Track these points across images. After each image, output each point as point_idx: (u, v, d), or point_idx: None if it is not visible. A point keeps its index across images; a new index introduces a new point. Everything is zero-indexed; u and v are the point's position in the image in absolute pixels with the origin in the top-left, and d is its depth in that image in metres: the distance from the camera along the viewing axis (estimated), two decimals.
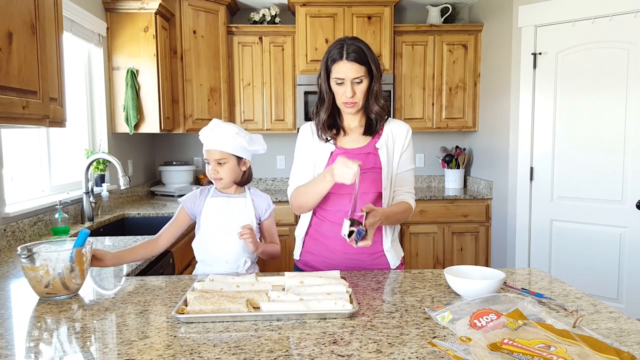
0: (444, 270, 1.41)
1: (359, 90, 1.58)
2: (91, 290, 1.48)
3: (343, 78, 1.56)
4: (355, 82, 1.57)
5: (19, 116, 1.53)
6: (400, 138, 1.69)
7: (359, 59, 1.55)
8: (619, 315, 1.20)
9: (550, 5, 3.20)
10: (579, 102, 3.14)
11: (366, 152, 1.66)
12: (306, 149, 1.72)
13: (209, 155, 1.71)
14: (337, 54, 1.56)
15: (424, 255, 3.78)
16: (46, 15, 1.71)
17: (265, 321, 1.16)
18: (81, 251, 1.36)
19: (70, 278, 1.34)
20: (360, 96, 1.59)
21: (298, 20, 3.80)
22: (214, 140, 1.69)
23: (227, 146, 1.68)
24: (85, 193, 2.59)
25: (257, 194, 1.81)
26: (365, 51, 1.56)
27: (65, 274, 1.33)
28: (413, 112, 3.99)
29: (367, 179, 1.63)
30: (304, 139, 1.73)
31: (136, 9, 3.18)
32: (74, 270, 1.34)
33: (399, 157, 1.69)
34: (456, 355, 0.95)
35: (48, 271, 1.31)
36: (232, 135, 1.68)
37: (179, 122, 3.59)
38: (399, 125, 1.71)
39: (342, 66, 1.55)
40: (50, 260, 1.31)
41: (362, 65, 1.55)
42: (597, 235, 3.12)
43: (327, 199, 1.67)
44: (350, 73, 1.55)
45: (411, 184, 1.74)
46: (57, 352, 1.04)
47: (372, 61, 1.57)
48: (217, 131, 1.69)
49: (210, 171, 1.72)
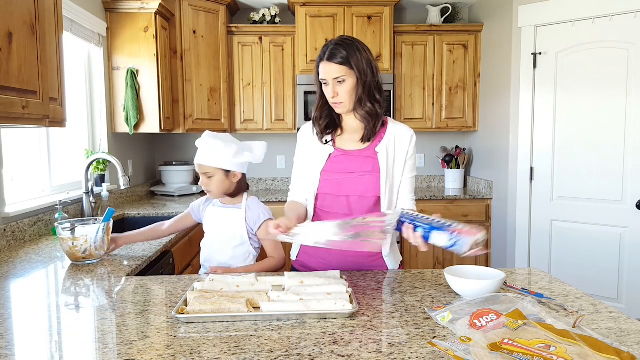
0: (444, 270, 1.41)
1: (342, 90, 1.55)
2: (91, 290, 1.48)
3: (325, 79, 1.57)
4: (337, 82, 1.55)
5: (19, 116, 1.53)
6: (403, 143, 1.66)
7: (339, 59, 1.53)
8: (619, 315, 1.20)
9: (550, 5, 3.20)
10: (579, 102, 3.14)
11: (365, 155, 1.63)
12: (305, 150, 1.72)
13: (198, 168, 1.75)
14: (322, 54, 1.57)
15: (424, 255, 3.78)
16: (46, 15, 1.71)
17: (265, 321, 1.16)
18: (108, 225, 1.79)
19: (102, 246, 1.77)
20: (344, 96, 1.56)
21: (298, 20, 3.80)
22: (201, 154, 1.73)
23: (212, 160, 1.70)
24: (85, 193, 2.59)
25: (252, 205, 1.80)
26: (349, 51, 1.53)
27: (98, 243, 1.76)
28: (413, 112, 3.99)
29: (364, 182, 1.61)
30: (303, 140, 1.73)
31: (136, 9, 3.18)
32: (103, 240, 1.78)
33: (402, 163, 1.66)
34: (456, 355, 0.95)
35: (87, 240, 1.74)
36: (217, 149, 1.69)
37: (179, 122, 3.59)
38: (402, 130, 1.67)
39: (323, 67, 1.56)
40: (89, 232, 1.75)
41: (343, 66, 1.53)
42: (597, 235, 3.12)
43: (325, 200, 1.66)
44: (330, 74, 1.55)
45: (413, 191, 1.73)
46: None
47: (355, 62, 1.54)
48: (204, 145, 1.72)
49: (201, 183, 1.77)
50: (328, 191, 1.65)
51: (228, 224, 1.78)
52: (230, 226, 1.77)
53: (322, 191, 1.66)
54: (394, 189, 1.67)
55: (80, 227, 1.76)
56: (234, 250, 1.77)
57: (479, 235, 1.26)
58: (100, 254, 1.80)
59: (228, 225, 1.78)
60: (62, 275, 1.67)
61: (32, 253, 1.96)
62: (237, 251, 1.77)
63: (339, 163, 1.64)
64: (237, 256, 1.77)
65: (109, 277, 1.62)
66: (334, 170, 1.64)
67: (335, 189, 1.63)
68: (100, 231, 1.76)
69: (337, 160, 1.64)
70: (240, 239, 1.76)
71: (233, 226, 1.77)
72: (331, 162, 1.64)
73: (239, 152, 1.71)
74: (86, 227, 1.76)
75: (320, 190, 1.66)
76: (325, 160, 1.65)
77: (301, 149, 1.73)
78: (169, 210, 3.06)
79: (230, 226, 1.77)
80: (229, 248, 1.77)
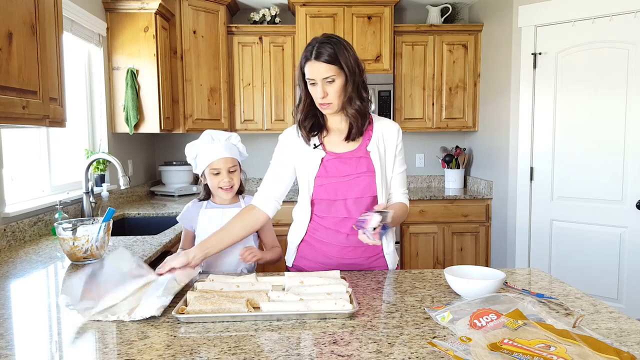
0: (444, 270, 1.41)
1: (332, 90, 1.51)
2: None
3: (313, 78, 1.52)
4: (326, 82, 1.51)
5: (19, 116, 1.53)
6: (391, 139, 1.64)
7: (328, 58, 1.49)
8: (619, 315, 1.20)
9: (550, 5, 3.20)
10: (579, 102, 3.14)
11: (358, 156, 1.60)
12: (291, 156, 1.64)
13: (220, 165, 1.68)
14: (309, 53, 1.51)
15: (424, 255, 3.78)
16: (46, 16, 1.71)
17: (265, 321, 1.16)
18: (108, 225, 1.80)
19: (102, 246, 1.78)
20: (333, 96, 1.52)
21: (298, 20, 3.80)
22: (224, 149, 1.67)
23: (237, 153, 1.69)
24: (85, 193, 2.59)
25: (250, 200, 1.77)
26: (337, 50, 1.50)
27: (100, 243, 1.76)
28: (413, 112, 3.99)
29: (361, 183, 1.59)
30: (287, 145, 1.65)
31: (136, 9, 3.18)
32: (104, 240, 1.78)
33: (392, 159, 1.64)
34: (456, 355, 0.95)
35: (88, 240, 1.73)
36: (237, 143, 1.69)
37: (179, 122, 3.59)
38: (388, 126, 1.65)
39: (312, 66, 1.51)
40: (90, 232, 1.74)
41: (332, 65, 1.49)
42: (597, 235, 3.12)
43: (321, 205, 1.63)
44: (319, 73, 1.50)
45: (405, 185, 1.71)
46: None
47: (344, 60, 1.50)
48: (223, 140, 1.68)
49: (221, 182, 1.69)
50: (324, 196, 1.61)
51: None
52: None
53: (318, 197, 1.62)
54: (388, 185, 1.66)
55: (81, 227, 1.78)
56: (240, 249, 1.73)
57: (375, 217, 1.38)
58: (101, 254, 1.80)
59: None
60: (62, 275, 1.67)
61: (32, 253, 1.96)
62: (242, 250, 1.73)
63: (333, 167, 1.60)
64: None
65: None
66: (328, 175, 1.60)
67: (331, 194, 1.60)
68: (101, 231, 1.76)
69: (331, 165, 1.60)
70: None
71: None
72: (325, 167, 1.60)
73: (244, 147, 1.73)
74: (87, 227, 1.77)
75: (315, 196, 1.62)
76: (318, 166, 1.60)
77: (283, 153, 1.66)
78: (169, 210, 3.06)
79: None
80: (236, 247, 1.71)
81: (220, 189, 1.75)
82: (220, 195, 1.77)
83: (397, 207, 1.61)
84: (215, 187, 1.73)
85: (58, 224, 1.77)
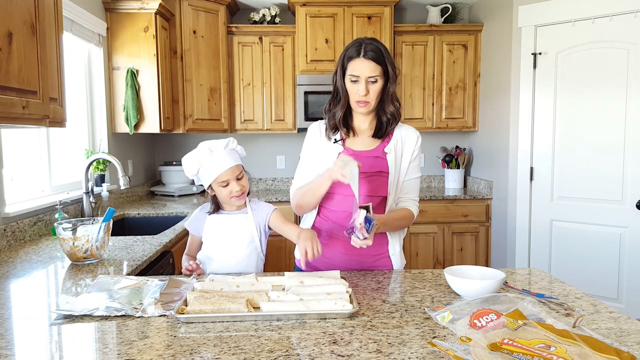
0: (444, 270, 1.41)
1: (373, 90, 1.57)
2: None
3: (358, 75, 1.56)
4: (370, 81, 1.56)
5: (19, 116, 1.53)
6: (409, 144, 1.69)
7: (376, 58, 1.54)
8: (619, 315, 1.20)
9: (550, 5, 3.20)
10: (579, 102, 3.14)
11: (374, 155, 1.64)
12: (313, 149, 1.71)
13: (227, 176, 1.63)
14: (355, 51, 1.56)
15: (424, 255, 3.78)
16: (46, 15, 1.71)
17: (265, 321, 1.16)
18: (108, 225, 1.80)
19: (102, 246, 1.79)
20: (373, 96, 1.58)
21: (298, 20, 3.80)
22: (227, 158, 1.64)
23: (238, 158, 1.69)
24: (85, 193, 2.59)
25: (257, 206, 1.75)
26: (383, 51, 1.57)
27: (100, 243, 1.77)
28: (413, 112, 3.99)
29: (372, 183, 1.62)
30: (311, 139, 1.72)
31: (136, 9, 3.18)
32: (104, 240, 1.79)
33: (407, 164, 1.68)
34: (456, 355, 0.95)
35: (88, 240, 1.74)
36: (235, 147, 1.69)
37: (179, 122, 3.58)
38: (409, 132, 1.70)
39: (359, 64, 1.55)
40: (90, 232, 1.75)
41: (379, 65, 1.55)
42: (597, 235, 3.12)
43: (332, 199, 1.66)
44: (366, 71, 1.55)
45: (416, 192, 1.74)
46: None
47: (388, 62, 1.57)
48: (223, 149, 1.65)
49: (232, 191, 1.65)
50: (336, 190, 1.64)
51: (239, 230, 1.70)
52: (241, 232, 1.70)
53: (330, 190, 1.63)
54: (399, 189, 1.69)
55: (81, 227, 1.78)
56: (248, 257, 1.70)
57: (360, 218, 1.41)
58: (101, 254, 1.80)
59: (239, 231, 1.70)
60: (62, 275, 1.67)
61: (32, 253, 1.96)
62: (251, 256, 1.71)
63: None
64: (250, 261, 1.71)
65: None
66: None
67: (344, 189, 1.61)
68: (101, 231, 1.77)
69: None
70: (252, 243, 1.70)
71: (244, 232, 1.70)
72: None
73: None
74: (87, 227, 1.77)
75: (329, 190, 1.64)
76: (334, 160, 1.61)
77: (308, 147, 1.72)
78: (169, 210, 3.06)
79: (241, 232, 1.70)
80: (244, 254, 1.69)
81: (234, 197, 1.72)
82: (233, 203, 1.71)
83: (396, 211, 1.62)
84: (227, 197, 1.68)
85: (58, 224, 1.78)
